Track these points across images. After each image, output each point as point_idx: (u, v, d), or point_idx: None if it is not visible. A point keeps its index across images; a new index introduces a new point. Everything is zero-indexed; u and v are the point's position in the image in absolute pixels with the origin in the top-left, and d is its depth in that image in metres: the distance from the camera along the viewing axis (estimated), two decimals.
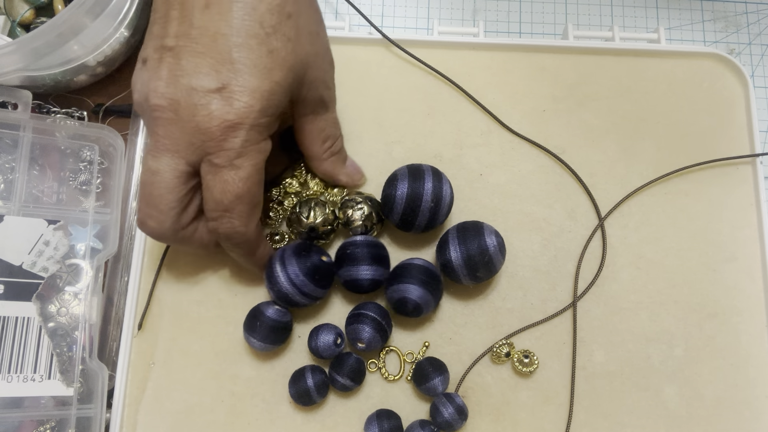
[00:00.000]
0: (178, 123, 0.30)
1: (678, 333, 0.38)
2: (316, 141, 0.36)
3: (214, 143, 0.30)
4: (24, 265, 0.38)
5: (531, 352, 0.37)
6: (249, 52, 0.29)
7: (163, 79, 0.30)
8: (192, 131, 0.30)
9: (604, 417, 0.37)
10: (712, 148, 0.42)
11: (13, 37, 0.44)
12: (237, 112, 0.29)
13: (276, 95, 0.30)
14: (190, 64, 0.29)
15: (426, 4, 0.51)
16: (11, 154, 0.40)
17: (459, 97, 0.43)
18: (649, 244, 0.40)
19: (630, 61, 0.44)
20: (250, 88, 0.29)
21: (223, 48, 0.29)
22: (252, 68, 0.29)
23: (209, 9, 0.29)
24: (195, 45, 0.29)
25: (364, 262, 0.35)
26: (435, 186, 0.35)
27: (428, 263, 0.36)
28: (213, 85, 0.29)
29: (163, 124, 0.30)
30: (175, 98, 0.30)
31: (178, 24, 0.30)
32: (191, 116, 0.30)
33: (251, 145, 0.30)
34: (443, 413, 0.35)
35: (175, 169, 0.31)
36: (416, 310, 0.35)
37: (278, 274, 0.34)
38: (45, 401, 0.37)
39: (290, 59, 0.31)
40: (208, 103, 0.29)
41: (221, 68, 0.29)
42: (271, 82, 0.30)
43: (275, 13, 0.30)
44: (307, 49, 0.32)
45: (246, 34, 0.29)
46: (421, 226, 0.36)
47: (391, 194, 0.36)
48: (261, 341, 0.35)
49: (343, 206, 0.38)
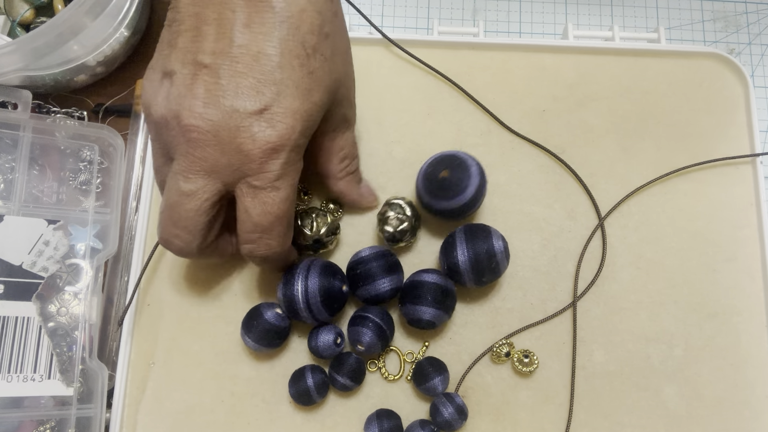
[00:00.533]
0: (218, 145, 0.29)
1: (678, 333, 0.38)
2: (334, 159, 0.36)
3: (254, 165, 0.29)
4: (24, 265, 0.38)
5: (531, 352, 0.37)
6: (291, 73, 0.29)
7: (199, 98, 0.29)
8: (232, 153, 0.29)
9: (604, 417, 0.37)
10: (712, 147, 0.42)
11: (13, 37, 0.44)
12: (280, 134, 0.29)
13: (314, 116, 0.30)
14: (231, 84, 0.28)
15: (426, 4, 0.51)
16: (11, 153, 0.40)
17: (459, 97, 0.43)
18: (649, 244, 0.40)
19: (630, 61, 0.44)
20: (292, 109, 0.29)
21: (266, 68, 0.28)
22: (294, 89, 0.29)
23: (250, 28, 0.28)
24: (236, 64, 0.28)
25: (379, 276, 0.35)
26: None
27: (441, 278, 0.35)
28: (255, 106, 0.28)
29: (201, 146, 0.29)
30: (215, 120, 0.29)
31: (214, 40, 0.29)
32: (232, 138, 0.29)
33: (290, 166, 0.30)
34: (443, 413, 0.35)
35: (209, 191, 0.30)
36: (430, 326, 0.35)
37: (297, 285, 0.34)
38: (45, 401, 0.37)
39: (327, 79, 0.31)
40: (251, 126, 0.29)
41: (264, 89, 0.29)
42: (311, 103, 0.30)
43: (316, 33, 0.30)
44: (340, 68, 0.32)
45: (289, 54, 0.29)
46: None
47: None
48: (255, 342, 0.35)
49: (389, 207, 0.37)
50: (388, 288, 0.35)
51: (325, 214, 0.37)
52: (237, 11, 0.29)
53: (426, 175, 0.36)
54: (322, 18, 0.30)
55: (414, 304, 0.35)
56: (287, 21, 0.29)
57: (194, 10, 0.29)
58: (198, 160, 0.30)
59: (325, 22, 0.30)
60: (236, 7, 0.29)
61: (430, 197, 0.36)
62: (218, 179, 0.30)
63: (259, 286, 0.39)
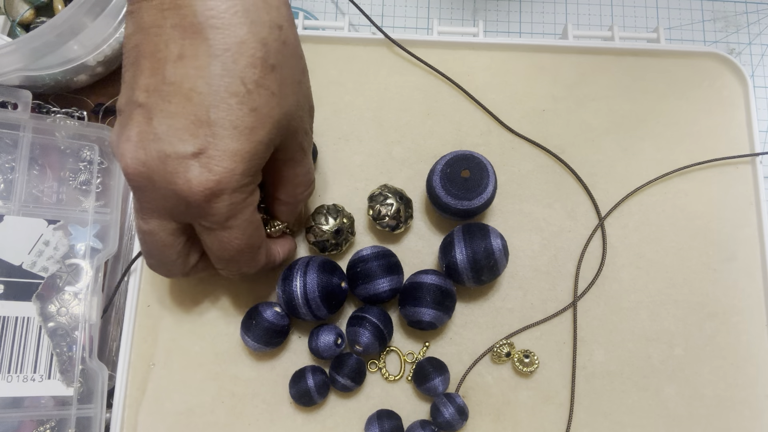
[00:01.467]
0: (156, 190, 0.27)
1: (678, 332, 0.38)
2: (288, 186, 0.33)
3: (198, 210, 0.28)
4: (24, 265, 0.38)
5: (531, 352, 0.37)
6: (228, 113, 0.26)
7: (132, 141, 0.27)
8: (173, 199, 0.28)
9: (604, 416, 0.37)
10: (711, 147, 0.42)
11: (13, 37, 0.44)
12: (218, 179, 0.27)
13: (259, 154, 0.28)
14: (162, 126, 0.26)
15: (426, 4, 0.51)
16: (11, 153, 0.40)
17: (459, 97, 0.43)
18: (649, 243, 0.40)
19: (630, 60, 0.44)
20: (230, 151, 0.26)
21: (199, 108, 0.26)
22: (232, 130, 0.26)
23: (183, 61, 0.26)
24: (167, 104, 0.26)
25: (379, 275, 0.35)
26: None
27: (440, 279, 0.35)
28: (189, 149, 0.26)
29: (141, 190, 0.28)
30: (148, 165, 0.27)
31: (148, 76, 0.26)
32: (168, 184, 0.27)
33: (238, 205, 0.28)
34: (444, 413, 0.35)
35: (167, 229, 0.30)
36: (430, 327, 0.36)
37: (295, 281, 0.34)
38: (45, 401, 0.37)
39: (274, 114, 0.28)
40: (186, 171, 0.26)
41: (197, 131, 0.26)
42: (253, 143, 0.27)
43: (258, 66, 0.27)
44: (290, 100, 0.29)
45: (225, 92, 0.26)
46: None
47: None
48: (255, 341, 0.35)
49: (372, 201, 0.37)
50: (387, 288, 0.35)
51: (336, 211, 0.37)
52: (170, 44, 0.26)
53: (445, 176, 0.36)
54: (266, 49, 0.27)
55: (414, 305, 0.35)
56: (222, 55, 0.26)
57: (135, 42, 0.27)
58: (145, 202, 0.29)
59: (270, 53, 0.27)
60: (170, 40, 0.26)
61: (450, 197, 0.36)
62: (171, 219, 0.29)
63: (258, 287, 0.39)
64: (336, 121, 0.42)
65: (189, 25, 0.26)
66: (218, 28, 0.26)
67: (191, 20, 0.26)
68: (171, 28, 0.26)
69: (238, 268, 0.32)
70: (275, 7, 0.28)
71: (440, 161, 0.37)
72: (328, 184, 0.41)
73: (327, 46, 0.43)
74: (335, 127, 0.42)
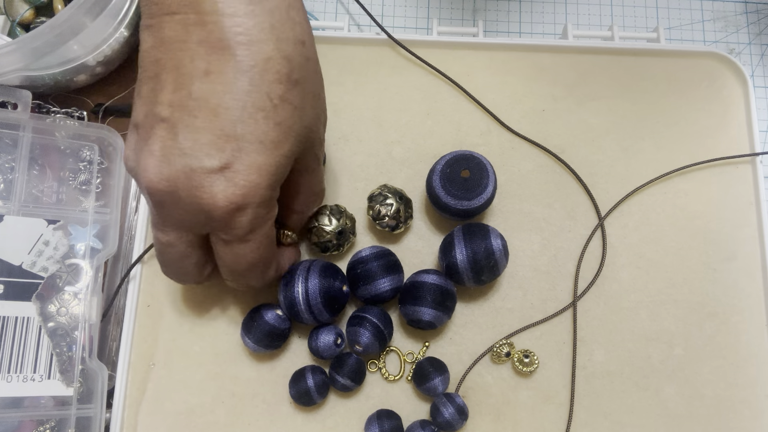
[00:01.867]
0: (178, 204, 0.28)
1: (678, 332, 0.38)
2: (301, 197, 0.34)
3: (220, 223, 0.28)
4: (24, 265, 0.38)
5: (531, 352, 0.37)
6: (255, 127, 0.27)
7: (155, 155, 0.27)
8: (195, 212, 0.28)
9: (604, 416, 0.37)
10: (711, 147, 0.42)
11: (13, 36, 0.44)
12: (243, 193, 0.27)
13: (282, 167, 0.28)
14: (187, 141, 0.26)
15: (426, 4, 0.51)
16: (11, 153, 0.40)
17: (459, 96, 0.43)
18: (649, 243, 0.40)
19: (629, 60, 0.44)
20: (256, 165, 0.27)
21: (226, 123, 0.26)
22: (258, 144, 0.27)
23: (209, 77, 0.26)
24: (193, 119, 0.26)
25: (379, 275, 0.35)
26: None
27: (440, 279, 0.35)
28: (215, 164, 0.26)
29: (162, 205, 0.28)
30: (172, 179, 0.27)
31: (172, 91, 0.26)
32: (192, 198, 0.27)
33: (259, 219, 0.29)
34: (444, 413, 0.35)
35: (185, 240, 0.30)
36: (429, 326, 0.36)
37: (297, 286, 0.34)
38: (45, 401, 0.37)
39: (296, 128, 0.28)
40: (211, 185, 0.27)
41: (224, 145, 0.26)
42: (277, 156, 0.28)
43: (284, 82, 0.27)
44: (310, 113, 0.30)
45: (252, 107, 0.26)
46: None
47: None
48: (255, 343, 0.35)
49: (372, 201, 0.37)
50: (388, 288, 0.35)
51: (338, 211, 0.37)
52: (196, 59, 0.26)
53: (445, 176, 0.36)
54: (291, 65, 0.27)
55: (414, 304, 0.35)
56: (250, 71, 0.26)
57: (155, 56, 0.27)
58: (165, 216, 0.29)
59: (294, 68, 0.28)
60: (195, 55, 0.26)
61: (450, 197, 0.36)
62: (190, 231, 0.30)
63: (259, 287, 0.39)
64: (336, 121, 0.42)
65: (216, 41, 0.26)
66: (245, 44, 0.26)
67: (218, 36, 0.26)
68: (196, 44, 0.26)
69: (246, 284, 0.33)
70: (299, 23, 0.28)
71: (440, 161, 0.37)
72: (328, 184, 0.41)
73: (327, 46, 0.43)
74: (335, 127, 0.42)
